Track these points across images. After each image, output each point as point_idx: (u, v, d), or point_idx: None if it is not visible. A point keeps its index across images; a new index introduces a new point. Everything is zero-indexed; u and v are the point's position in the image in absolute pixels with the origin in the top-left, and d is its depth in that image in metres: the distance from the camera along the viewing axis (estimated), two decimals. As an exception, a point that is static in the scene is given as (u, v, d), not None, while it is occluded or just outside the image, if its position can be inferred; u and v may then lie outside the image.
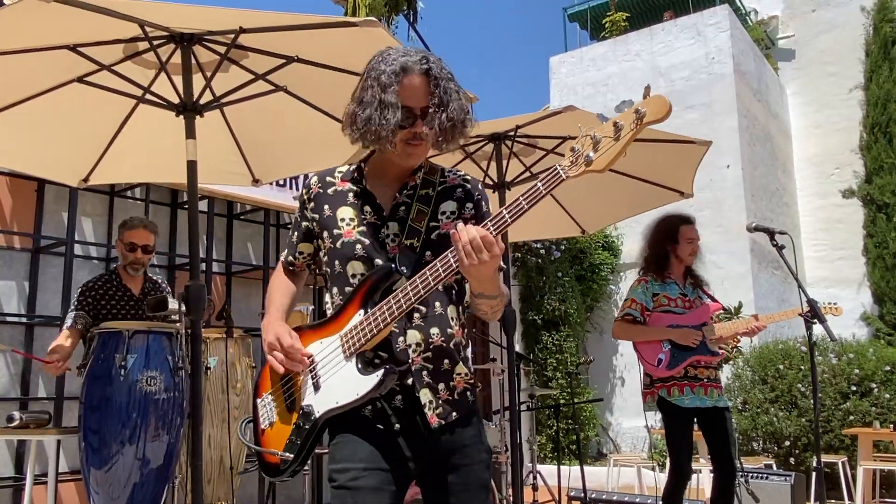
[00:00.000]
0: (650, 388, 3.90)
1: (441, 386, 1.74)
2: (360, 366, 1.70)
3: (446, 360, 1.76)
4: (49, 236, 4.98)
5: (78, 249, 5.11)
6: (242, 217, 6.28)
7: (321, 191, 1.89)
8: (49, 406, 4.73)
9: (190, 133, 3.05)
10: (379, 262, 1.75)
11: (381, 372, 1.67)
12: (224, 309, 4.26)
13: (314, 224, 1.88)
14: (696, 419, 3.81)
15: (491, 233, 1.54)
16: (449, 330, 1.78)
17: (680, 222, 3.98)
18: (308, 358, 1.78)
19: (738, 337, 3.93)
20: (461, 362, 1.80)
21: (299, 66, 3.20)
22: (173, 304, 3.41)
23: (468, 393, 1.80)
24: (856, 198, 11.84)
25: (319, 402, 1.74)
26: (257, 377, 1.92)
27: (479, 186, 1.90)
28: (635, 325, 3.90)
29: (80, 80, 3.20)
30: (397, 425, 1.73)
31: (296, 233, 1.96)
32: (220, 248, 6.05)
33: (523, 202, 1.53)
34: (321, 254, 1.90)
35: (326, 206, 1.86)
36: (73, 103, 3.37)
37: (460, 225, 1.55)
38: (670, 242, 3.96)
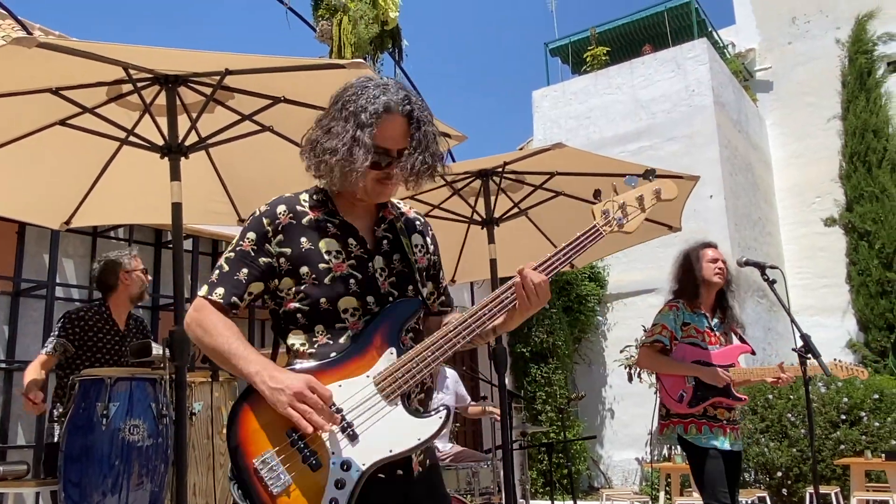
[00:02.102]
0: (666, 419, 3.79)
1: None
2: (410, 409, 1.62)
3: (430, 403, 1.76)
4: (29, 279, 4.89)
5: (59, 292, 5.02)
6: (227, 255, 6.21)
7: (292, 221, 1.71)
8: (28, 454, 4.60)
9: (175, 175, 3.01)
10: (371, 298, 1.68)
11: (442, 413, 1.62)
12: (209, 352, 4.17)
13: (281, 259, 1.68)
14: None
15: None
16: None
17: (700, 246, 3.86)
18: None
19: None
20: None
21: (286, 105, 3.18)
22: (157, 349, 3.33)
23: None
24: (837, 226, 11.95)
25: (362, 453, 1.56)
26: (236, 433, 1.60)
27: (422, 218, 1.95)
28: (663, 353, 3.76)
29: (63, 122, 3.16)
30: (400, 471, 1.65)
31: (245, 269, 1.68)
32: (205, 287, 5.98)
33: (570, 251, 1.73)
34: (287, 292, 1.69)
35: (304, 239, 1.69)
36: (55, 146, 3.33)
37: (526, 269, 1.68)
38: (694, 268, 3.81)
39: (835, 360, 3.71)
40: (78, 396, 3.30)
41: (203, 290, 1.70)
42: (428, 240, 1.89)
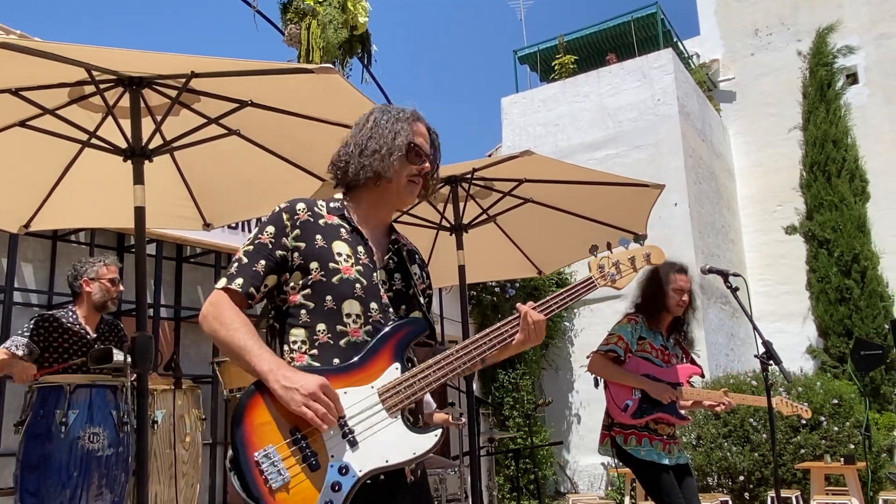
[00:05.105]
0: (608, 429, 3.81)
1: None
2: (409, 424, 1.69)
3: (419, 415, 1.82)
4: (-14, 284, 4.76)
5: (17, 297, 4.90)
6: (192, 260, 6.12)
7: (310, 219, 1.78)
8: (-17, 463, 4.46)
9: (138, 178, 2.96)
10: (374, 306, 1.76)
11: (438, 431, 1.69)
12: (172, 359, 4.10)
13: (295, 254, 1.74)
14: None
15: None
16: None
17: (673, 270, 3.77)
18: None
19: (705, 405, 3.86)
20: None
21: (253, 109, 3.14)
22: (118, 355, 3.26)
23: None
24: (798, 234, 12.20)
25: (360, 459, 1.62)
26: (241, 424, 1.62)
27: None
28: (615, 363, 3.76)
29: (23, 124, 3.09)
30: (382, 477, 1.68)
31: (263, 261, 1.73)
32: (169, 292, 5.88)
33: (566, 297, 1.91)
34: (292, 286, 1.74)
35: (319, 237, 1.76)
36: (14, 148, 3.25)
37: (524, 307, 1.82)
38: (660, 291, 3.77)
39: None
40: (36, 403, 3.23)
41: (221, 282, 1.74)
42: (424, 274, 1.99)
